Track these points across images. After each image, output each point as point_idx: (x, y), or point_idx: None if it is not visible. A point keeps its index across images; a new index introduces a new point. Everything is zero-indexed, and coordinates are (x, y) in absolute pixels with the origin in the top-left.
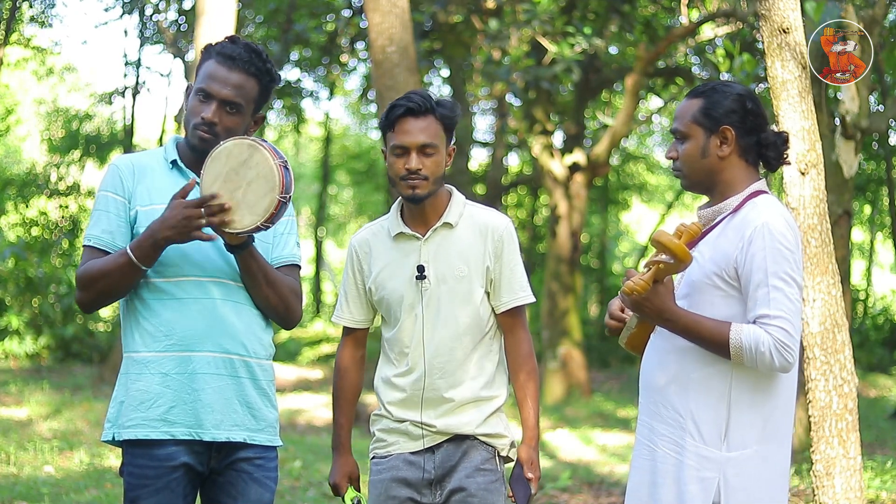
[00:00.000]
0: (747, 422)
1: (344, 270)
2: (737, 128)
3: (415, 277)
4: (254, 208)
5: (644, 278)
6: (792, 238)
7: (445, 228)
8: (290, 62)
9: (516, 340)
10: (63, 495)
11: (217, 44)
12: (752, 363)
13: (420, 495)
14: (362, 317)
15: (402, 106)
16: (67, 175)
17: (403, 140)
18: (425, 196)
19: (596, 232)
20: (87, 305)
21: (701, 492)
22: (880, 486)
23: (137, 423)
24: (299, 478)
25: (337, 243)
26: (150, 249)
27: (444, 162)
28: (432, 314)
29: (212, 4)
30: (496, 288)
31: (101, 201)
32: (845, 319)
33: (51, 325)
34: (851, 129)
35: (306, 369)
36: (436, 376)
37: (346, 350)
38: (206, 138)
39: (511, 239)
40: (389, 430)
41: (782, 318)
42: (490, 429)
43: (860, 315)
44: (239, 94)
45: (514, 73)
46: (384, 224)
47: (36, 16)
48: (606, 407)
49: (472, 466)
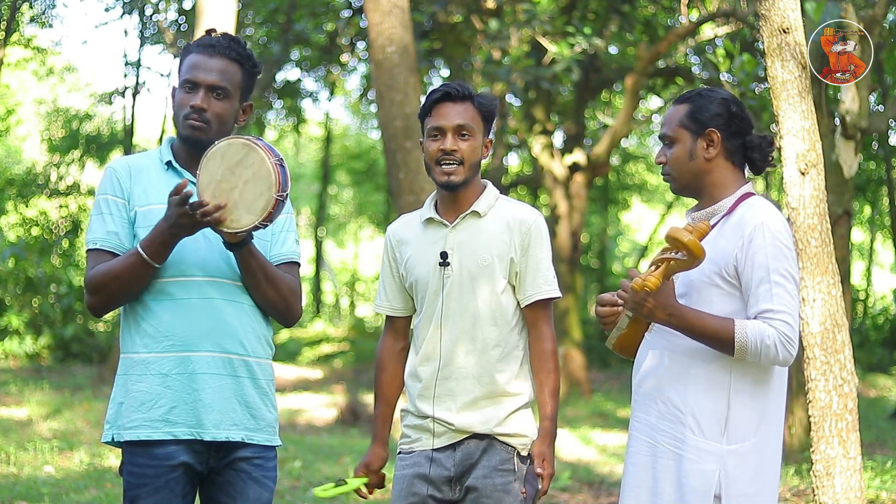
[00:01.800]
0: (746, 415)
1: (381, 259)
2: (722, 130)
3: (438, 264)
4: (251, 207)
5: (655, 274)
6: (789, 237)
7: (473, 217)
8: (290, 62)
9: (539, 335)
10: (63, 495)
11: (195, 40)
12: (755, 357)
13: (440, 492)
14: (400, 304)
15: (440, 90)
16: (67, 175)
17: (440, 122)
18: (460, 183)
19: (596, 232)
20: (98, 310)
21: (702, 485)
22: (880, 486)
23: (139, 424)
24: (299, 478)
25: (337, 243)
26: (160, 247)
27: (481, 150)
28: (452, 302)
29: (212, 4)
30: (521, 281)
31: (101, 205)
32: (845, 319)
33: (51, 325)
34: (851, 129)
35: (306, 369)
36: (451, 367)
37: (386, 341)
38: (198, 125)
39: (539, 233)
40: (414, 427)
41: (785, 313)
42: (509, 428)
43: (860, 315)
44: (224, 79)
45: (514, 73)
46: (419, 212)
47: (36, 16)
48: (606, 407)
49: (490, 466)
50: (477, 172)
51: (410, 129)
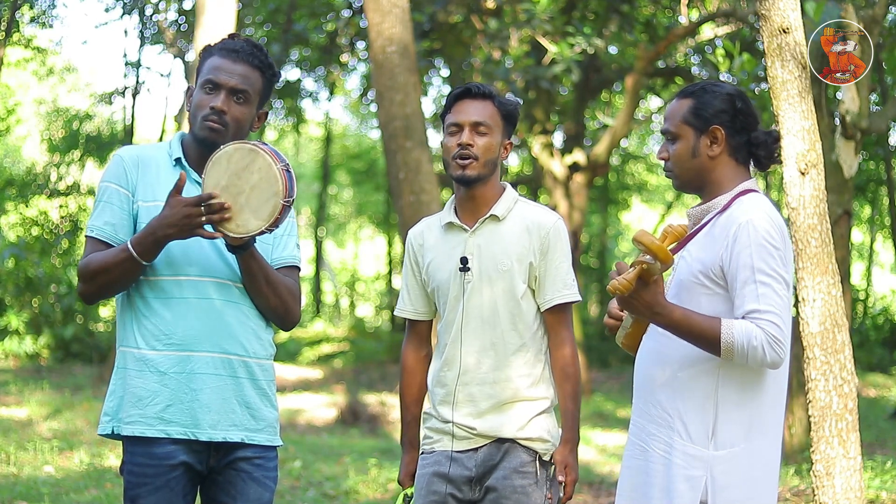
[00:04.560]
0: (734, 420)
1: (403, 263)
2: (727, 127)
3: (458, 269)
4: (258, 213)
5: (628, 278)
6: (777, 235)
7: (493, 221)
8: (290, 62)
9: (559, 340)
10: (63, 495)
11: (217, 42)
12: (742, 359)
13: (460, 492)
14: (424, 308)
15: (461, 87)
16: (67, 175)
17: (458, 117)
18: (475, 178)
19: (596, 232)
20: (88, 297)
21: (689, 490)
22: (880, 486)
23: (135, 420)
24: (299, 478)
25: (337, 243)
26: (151, 246)
27: (499, 149)
28: (473, 307)
29: (212, 4)
30: (540, 285)
31: (104, 192)
32: (845, 319)
33: (51, 325)
34: (851, 129)
35: (306, 369)
36: (473, 372)
37: (409, 347)
38: (216, 128)
39: (558, 237)
40: (436, 430)
41: (772, 313)
42: (531, 433)
43: (860, 315)
44: (246, 83)
45: (514, 72)
46: (439, 216)
47: (36, 16)
48: (606, 407)
49: (510, 468)
50: (494, 171)
51: (410, 129)
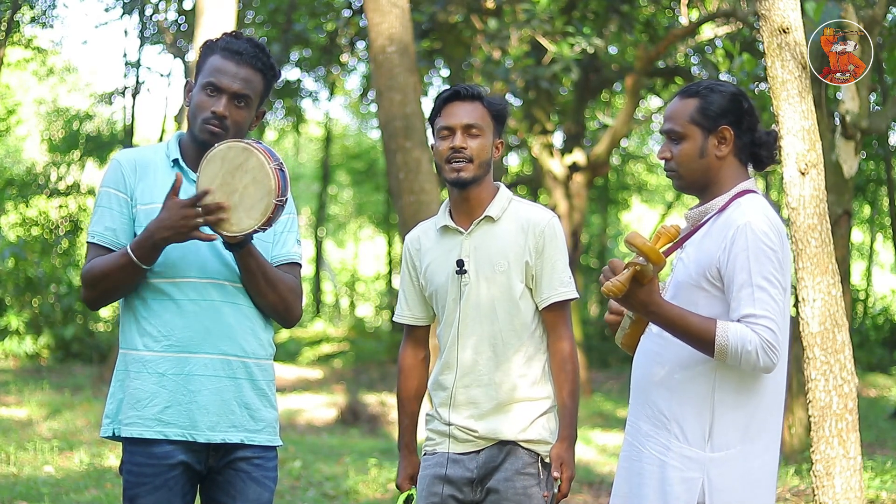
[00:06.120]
0: (730, 422)
1: (401, 269)
2: (735, 127)
3: (455, 272)
4: (251, 212)
5: (621, 280)
6: (775, 238)
7: (487, 222)
8: (290, 62)
9: (557, 338)
10: (63, 495)
11: (219, 39)
12: (735, 361)
13: (461, 493)
14: (422, 313)
15: (450, 91)
16: (67, 175)
17: (449, 121)
18: (470, 180)
19: (596, 232)
20: (92, 303)
21: (685, 492)
22: (880, 486)
23: (133, 422)
24: (299, 478)
25: (337, 243)
26: (149, 250)
27: (491, 150)
28: (471, 309)
29: (212, 4)
30: (537, 283)
31: (103, 198)
32: (845, 319)
33: (51, 325)
34: (851, 129)
35: (306, 369)
36: (471, 374)
37: (407, 350)
38: (217, 132)
39: (553, 234)
40: (438, 432)
41: (768, 318)
42: (533, 435)
43: (860, 315)
44: (248, 88)
45: (514, 72)
46: (435, 219)
47: (36, 16)
48: (606, 407)
49: (512, 470)
50: (487, 171)
51: (410, 129)
